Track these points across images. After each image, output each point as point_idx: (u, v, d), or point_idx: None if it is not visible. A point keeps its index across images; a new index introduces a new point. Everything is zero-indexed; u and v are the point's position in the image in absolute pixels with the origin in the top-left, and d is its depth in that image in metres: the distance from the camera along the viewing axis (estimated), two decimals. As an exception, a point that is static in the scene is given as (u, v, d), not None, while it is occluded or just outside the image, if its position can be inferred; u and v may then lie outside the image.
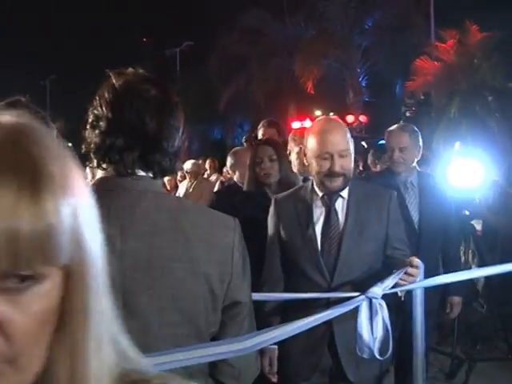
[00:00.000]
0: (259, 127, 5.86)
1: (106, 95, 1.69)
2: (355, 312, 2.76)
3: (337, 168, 2.99)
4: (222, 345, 1.73)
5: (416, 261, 2.72)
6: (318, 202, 3.13)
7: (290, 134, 5.20)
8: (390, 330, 2.74)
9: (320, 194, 3.12)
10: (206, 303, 1.66)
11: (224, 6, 27.04)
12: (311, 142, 3.07)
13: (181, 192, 9.52)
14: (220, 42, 25.79)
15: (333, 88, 23.47)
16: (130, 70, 1.77)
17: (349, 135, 3.09)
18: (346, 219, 3.07)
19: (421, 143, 4.36)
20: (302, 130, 5.32)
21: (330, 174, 3.00)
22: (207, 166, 12.09)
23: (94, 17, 41.98)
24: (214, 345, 1.72)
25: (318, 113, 16.74)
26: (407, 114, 10.30)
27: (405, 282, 2.74)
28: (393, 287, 2.76)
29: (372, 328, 2.73)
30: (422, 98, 11.20)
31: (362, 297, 2.70)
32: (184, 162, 12.44)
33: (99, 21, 41.09)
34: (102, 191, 1.65)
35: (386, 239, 3.10)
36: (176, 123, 1.72)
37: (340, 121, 3.41)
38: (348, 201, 3.11)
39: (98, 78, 1.79)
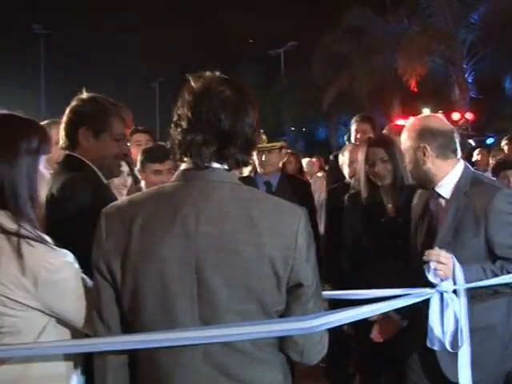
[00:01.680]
0: (352, 122, 5.71)
1: (187, 97, 1.93)
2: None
3: None
4: (286, 322, 1.91)
5: (432, 251, 2.77)
6: (430, 201, 3.23)
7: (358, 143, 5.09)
8: (462, 324, 2.76)
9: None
10: (271, 283, 1.86)
11: (327, 6, 27.11)
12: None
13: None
14: (323, 41, 25.93)
15: (437, 85, 23.01)
16: (208, 73, 1.99)
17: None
18: (443, 221, 3.04)
19: None
20: (396, 126, 5.27)
21: None
22: (313, 164, 12.03)
23: (200, 19, 42.97)
24: (279, 322, 1.91)
25: (425, 110, 16.40)
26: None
27: (442, 272, 2.74)
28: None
29: (443, 321, 2.78)
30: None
31: (433, 290, 2.75)
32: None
33: (205, 23, 42.05)
34: (182, 181, 1.94)
35: (491, 246, 2.94)
36: (249, 120, 1.95)
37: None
38: (449, 201, 3.06)
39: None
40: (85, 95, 2.92)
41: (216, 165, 1.91)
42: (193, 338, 1.80)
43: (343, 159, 4.95)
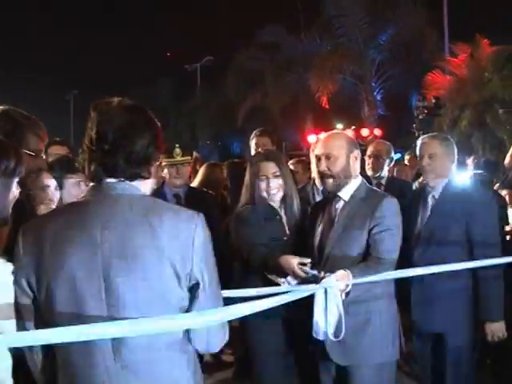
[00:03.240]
0: (252, 137, 5.80)
1: (90, 122, 2.17)
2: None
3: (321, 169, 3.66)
4: (189, 317, 2.12)
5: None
6: (329, 203, 3.76)
7: (311, 147, 5.47)
8: (342, 316, 3.14)
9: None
10: (172, 282, 2.07)
11: (243, 21, 27.49)
12: None
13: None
14: (237, 57, 26.27)
15: (348, 102, 23.82)
16: (115, 98, 2.22)
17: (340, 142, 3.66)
18: (339, 218, 3.60)
19: (455, 153, 4.33)
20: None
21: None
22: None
23: (119, 32, 42.62)
24: (183, 317, 2.11)
25: (339, 126, 16.98)
26: (420, 117, 10.59)
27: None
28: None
29: (326, 314, 3.15)
30: (433, 101, 11.49)
31: (318, 286, 3.13)
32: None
33: (123, 36, 41.74)
34: (90, 196, 2.17)
35: (371, 243, 3.48)
36: (144, 142, 2.17)
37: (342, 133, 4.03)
38: (347, 203, 3.62)
39: (122, 91, 2.25)
40: None
41: (115, 180, 2.14)
42: (101, 333, 1.96)
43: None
